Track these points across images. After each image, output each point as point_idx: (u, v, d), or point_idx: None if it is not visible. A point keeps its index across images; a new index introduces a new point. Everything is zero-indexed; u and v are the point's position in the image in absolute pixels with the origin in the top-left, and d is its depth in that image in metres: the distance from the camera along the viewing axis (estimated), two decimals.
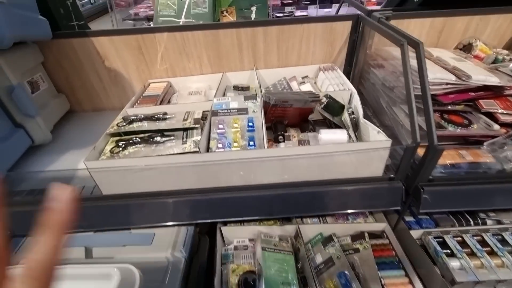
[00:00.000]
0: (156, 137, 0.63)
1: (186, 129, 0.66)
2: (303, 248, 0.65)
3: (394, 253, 0.66)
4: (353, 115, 0.69)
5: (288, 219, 0.75)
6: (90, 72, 0.89)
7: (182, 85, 0.93)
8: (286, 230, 0.71)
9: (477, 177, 0.60)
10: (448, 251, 0.68)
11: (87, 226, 0.63)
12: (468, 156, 0.60)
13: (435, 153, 0.54)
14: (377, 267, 0.61)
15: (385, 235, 0.70)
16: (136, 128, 0.66)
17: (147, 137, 0.63)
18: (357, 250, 0.65)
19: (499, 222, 0.75)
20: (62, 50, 0.84)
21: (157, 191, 0.61)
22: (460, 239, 0.71)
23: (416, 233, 0.74)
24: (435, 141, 0.53)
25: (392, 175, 0.61)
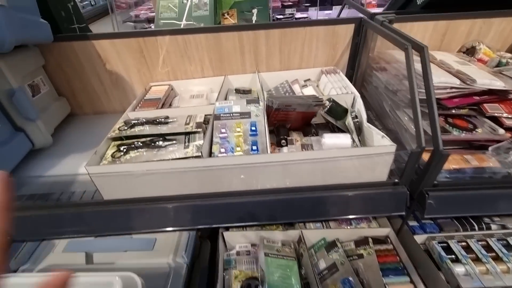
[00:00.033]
0: (158, 142, 0.63)
1: (188, 133, 0.66)
2: (307, 253, 0.64)
3: (398, 258, 0.65)
4: (357, 119, 0.69)
5: (290, 223, 0.74)
6: (91, 75, 0.89)
7: (183, 88, 0.93)
8: (289, 235, 0.70)
9: (482, 182, 0.59)
10: (453, 257, 0.68)
11: (88, 231, 0.63)
12: (473, 161, 0.59)
13: (440, 158, 0.53)
14: (381, 273, 0.61)
15: (389, 240, 0.69)
16: (137, 132, 0.65)
17: (148, 142, 0.63)
18: (361, 256, 0.64)
19: (503, 227, 0.74)
20: (63, 53, 0.83)
21: (159, 196, 0.60)
22: (464, 244, 0.71)
23: (420, 238, 0.73)
24: (440, 146, 0.52)
25: (397, 180, 0.61)
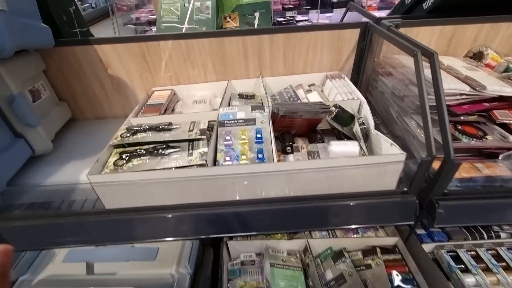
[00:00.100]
0: (161, 149, 0.61)
1: (191, 140, 0.64)
2: (313, 263, 0.62)
3: (407, 269, 0.64)
4: (364, 126, 0.67)
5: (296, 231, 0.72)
6: (92, 80, 0.87)
7: (186, 93, 0.91)
8: (295, 244, 0.68)
9: (494, 191, 0.58)
10: (462, 266, 0.66)
11: (89, 241, 0.61)
12: (484, 170, 0.58)
13: (451, 167, 0.52)
14: (390, 285, 0.59)
15: (397, 250, 0.67)
16: (140, 139, 0.64)
17: (151, 149, 0.61)
18: (369, 266, 0.62)
19: None
20: (64, 58, 0.82)
21: (162, 205, 0.59)
22: (474, 253, 0.69)
23: (428, 246, 0.71)
24: (452, 155, 0.51)
25: (406, 189, 0.59)
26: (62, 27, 0.82)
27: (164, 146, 0.62)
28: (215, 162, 0.60)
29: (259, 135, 0.61)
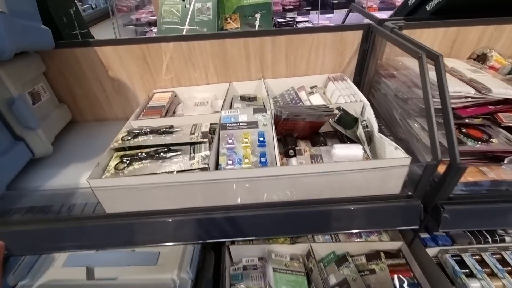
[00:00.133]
0: (162, 152, 0.60)
1: (193, 143, 0.64)
2: (316, 268, 0.61)
3: (412, 274, 0.63)
4: (367, 129, 0.67)
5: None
6: (93, 82, 0.87)
7: (187, 95, 0.91)
8: (297, 249, 0.68)
9: (500, 195, 0.57)
10: (467, 271, 0.65)
11: (89, 246, 0.60)
12: (490, 173, 0.57)
13: (457, 171, 0.51)
14: None
15: (401, 254, 0.67)
16: (141, 142, 0.63)
17: (153, 152, 0.61)
18: (373, 271, 0.62)
19: None
20: (65, 60, 0.81)
21: (164, 210, 0.58)
22: (479, 258, 0.68)
23: (432, 251, 0.71)
24: (457, 159, 0.50)
25: (410, 193, 0.59)
26: (62, 29, 0.82)
27: (166, 149, 0.61)
28: (217, 166, 0.59)
29: (261, 138, 0.60)
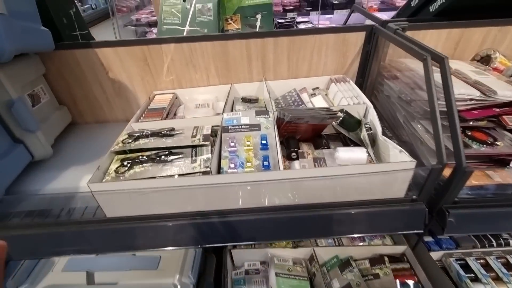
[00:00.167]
0: (163, 155, 0.60)
1: (195, 146, 0.63)
2: (319, 273, 0.61)
3: (416, 278, 0.62)
4: (371, 131, 0.66)
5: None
6: (93, 84, 0.86)
7: (188, 96, 0.90)
8: (300, 253, 0.67)
9: (506, 199, 0.57)
10: (472, 275, 0.64)
11: (90, 250, 0.59)
12: (496, 177, 0.56)
13: (463, 175, 0.51)
14: None
15: (405, 259, 0.66)
16: (142, 145, 0.62)
17: (154, 156, 0.60)
18: (377, 276, 0.61)
19: None
20: (65, 61, 0.81)
21: (165, 214, 0.57)
22: (483, 262, 0.68)
23: (436, 254, 0.70)
24: (463, 163, 0.50)
25: (414, 197, 0.58)
26: (62, 30, 0.81)
27: (167, 152, 0.60)
28: (219, 169, 0.58)
29: (264, 141, 0.59)
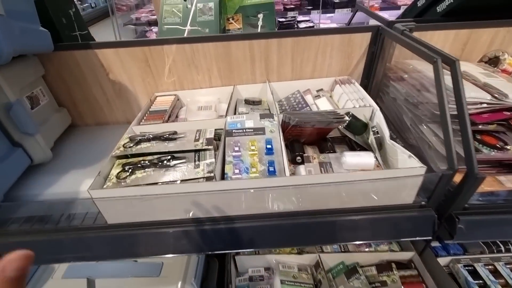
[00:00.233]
0: (165, 160, 0.58)
1: (198, 150, 0.61)
2: (326, 280, 0.59)
3: (424, 286, 0.61)
4: (378, 135, 0.64)
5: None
6: (93, 85, 0.84)
7: (190, 98, 0.88)
8: (305, 259, 0.65)
9: None
10: (481, 282, 0.63)
11: (90, 257, 0.58)
12: (507, 183, 0.55)
13: (475, 182, 0.49)
14: None
15: (413, 265, 0.65)
16: (144, 150, 0.61)
17: (156, 160, 0.58)
18: (384, 283, 0.59)
19: None
20: (64, 63, 0.79)
21: (167, 220, 0.56)
22: (492, 268, 0.66)
23: (443, 260, 0.68)
24: (475, 169, 0.48)
25: (423, 202, 0.56)
26: (61, 31, 0.79)
27: (169, 157, 0.59)
28: (223, 175, 0.57)
29: (269, 146, 0.58)
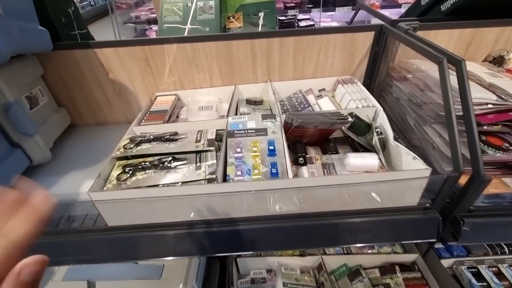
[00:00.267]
0: (166, 162, 0.57)
1: (199, 151, 0.60)
2: (328, 283, 0.59)
3: None
4: (381, 135, 0.64)
5: None
6: (92, 85, 0.83)
7: (191, 98, 0.87)
8: (307, 261, 0.65)
9: None
10: (485, 284, 0.63)
11: (90, 260, 0.57)
12: None
13: (481, 184, 0.48)
14: None
15: (416, 267, 0.64)
16: (144, 151, 0.60)
17: (157, 162, 0.58)
18: (387, 286, 0.59)
19: None
20: (63, 62, 0.78)
21: (168, 222, 0.55)
22: (496, 270, 0.66)
23: (447, 262, 0.68)
24: (482, 171, 0.47)
25: (428, 204, 0.56)
26: (60, 30, 0.78)
27: (170, 158, 0.58)
28: (225, 176, 0.56)
29: (271, 147, 0.57)
